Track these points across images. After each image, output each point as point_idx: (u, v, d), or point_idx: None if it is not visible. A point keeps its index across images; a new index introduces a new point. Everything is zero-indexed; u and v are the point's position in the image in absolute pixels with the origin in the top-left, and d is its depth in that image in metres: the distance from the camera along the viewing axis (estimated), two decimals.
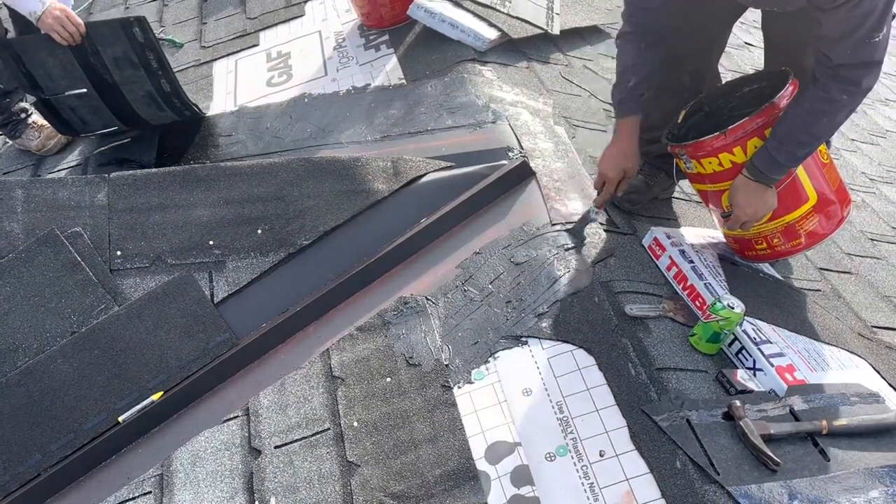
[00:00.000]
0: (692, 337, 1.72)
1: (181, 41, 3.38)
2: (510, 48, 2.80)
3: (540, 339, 1.75)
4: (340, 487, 1.61)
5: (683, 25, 1.86)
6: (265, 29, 3.29)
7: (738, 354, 1.70)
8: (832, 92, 1.60)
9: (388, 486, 1.58)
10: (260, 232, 2.21)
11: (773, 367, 1.63)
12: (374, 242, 2.12)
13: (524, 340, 1.76)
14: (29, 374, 1.94)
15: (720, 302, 1.64)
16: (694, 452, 1.44)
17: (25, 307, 2.07)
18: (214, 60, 3.19)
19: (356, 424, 1.71)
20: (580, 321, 1.76)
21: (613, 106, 1.97)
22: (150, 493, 1.73)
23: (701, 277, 1.84)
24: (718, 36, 2.04)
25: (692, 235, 2.10)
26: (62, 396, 1.92)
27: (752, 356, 1.67)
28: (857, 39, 1.51)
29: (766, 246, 1.95)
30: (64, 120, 2.72)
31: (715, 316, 1.63)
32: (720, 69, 2.22)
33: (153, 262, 2.18)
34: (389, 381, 1.77)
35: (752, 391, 1.59)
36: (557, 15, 3.04)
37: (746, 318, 1.71)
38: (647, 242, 2.00)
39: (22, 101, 2.89)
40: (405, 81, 2.70)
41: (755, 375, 1.65)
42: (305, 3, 3.36)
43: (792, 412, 1.55)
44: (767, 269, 2.13)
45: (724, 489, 1.37)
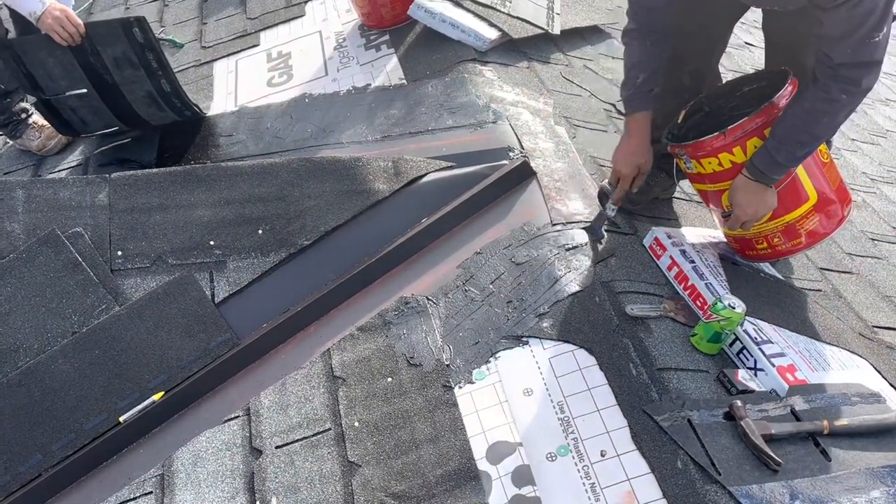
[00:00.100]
0: (693, 337, 1.72)
1: (181, 41, 3.38)
2: (511, 48, 2.80)
3: (541, 339, 1.75)
4: (341, 487, 1.61)
5: (685, 25, 1.86)
6: (266, 29, 3.29)
7: (739, 354, 1.71)
8: (832, 91, 1.60)
9: (389, 486, 1.58)
10: (261, 232, 2.21)
11: (774, 367, 1.63)
12: (374, 242, 2.12)
13: (525, 340, 1.76)
14: (30, 374, 1.94)
15: (721, 302, 1.64)
16: (695, 452, 1.44)
17: (26, 307, 2.07)
18: (215, 61, 3.19)
19: (357, 424, 1.71)
20: (581, 321, 1.76)
21: (623, 103, 1.97)
22: (151, 493, 1.73)
23: (702, 277, 1.84)
24: (720, 36, 2.05)
25: (693, 235, 2.10)
26: (63, 396, 1.92)
27: (753, 356, 1.67)
28: (857, 39, 1.51)
29: (766, 245, 1.95)
30: (64, 120, 2.72)
31: (716, 316, 1.63)
32: (720, 69, 2.23)
33: (154, 262, 2.18)
34: (390, 381, 1.77)
35: (753, 391, 1.59)
36: (558, 15, 3.04)
37: (747, 317, 1.71)
38: (647, 242, 2.00)
39: (23, 101, 2.89)
40: (406, 81, 2.70)
41: (756, 375, 1.65)
42: (306, 3, 3.36)
43: (793, 412, 1.55)
44: (768, 268, 2.13)
45: (725, 489, 1.37)
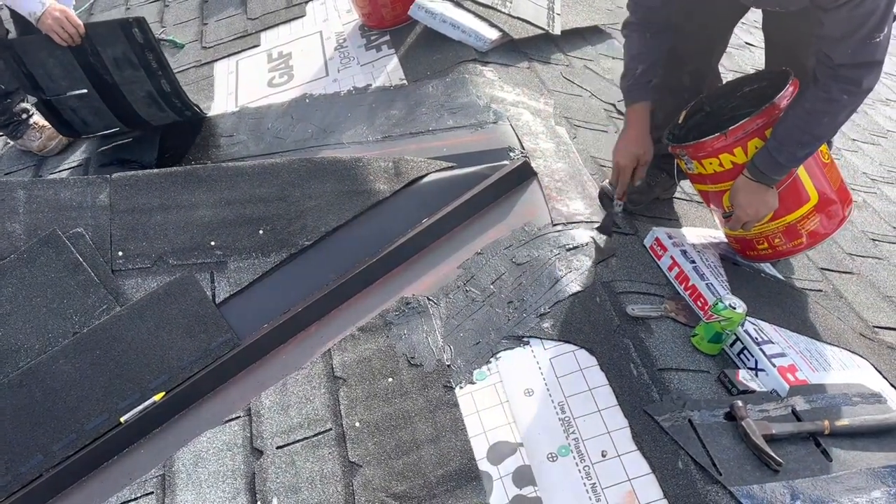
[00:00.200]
0: (694, 337, 1.72)
1: (182, 42, 3.38)
2: (511, 48, 2.80)
3: (542, 339, 1.75)
4: (342, 488, 1.61)
5: (685, 25, 1.87)
6: (266, 29, 3.29)
7: (739, 355, 1.71)
8: (833, 92, 1.60)
9: (390, 486, 1.58)
10: (261, 232, 2.21)
11: (774, 367, 1.63)
12: (375, 243, 2.12)
13: (526, 341, 1.76)
14: (31, 374, 1.94)
15: (722, 302, 1.64)
16: (696, 453, 1.44)
17: (27, 308, 2.07)
18: (215, 61, 3.19)
19: (358, 425, 1.71)
20: (582, 321, 1.76)
21: (623, 94, 1.96)
22: (152, 493, 1.73)
23: (702, 277, 1.84)
24: (720, 36, 2.04)
25: (693, 235, 2.10)
26: (64, 397, 1.92)
27: (753, 356, 1.67)
28: (858, 39, 1.51)
29: (767, 246, 1.95)
30: (65, 121, 2.72)
31: (717, 316, 1.63)
32: (721, 69, 2.23)
33: (155, 262, 2.18)
34: (391, 381, 1.77)
35: (753, 391, 1.59)
36: (558, 15, 3.04)
37: (748, 318, 1.71)
38: (648, 242, 2.00)
39: (23, 101, 2.89)
40: (406, 82, 2.70)
41: (757, 376, 1.65)
42: (306, 3, 3.36)
43: (794, 412, 1.55)
44: (769, 269, 2.13)
45: (726, 489, 1.37)
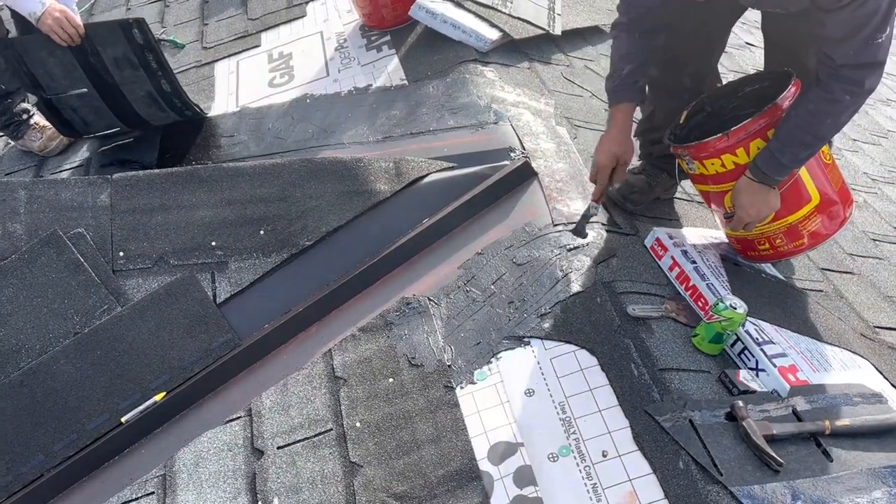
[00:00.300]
0: (695, 337, 1.72)
1: (183, 42, 3.38)
2: (512, 49, 2.80)
3: (542, 339, 1.75)
4: (343, 488, 1.61)
5: (684, 25, 1.86)
6: (267, 30, 3.29)
7: (740, 355, 1.71)
8: (835, 93, 1.60)
9: (390, 486, 1.58)
10: (262, 233, 2.21)
11: (775, 367, 1.64)
12: (376, 243, 2.12)
13: (526, 341, 1.76)
14: (32, 374, 1.94)
15: (722, 302, 1.64)
16: (697, 453, 1.44)
17: (28, 308, 2.07)
18: (216, 61, 3.19)
19: (359, 425, 1.71)
20: (582, 322, 1.76)
21: (607, 94, 1.94)
22: (153, 493, 1.73)
23: (703, 278, 1.84)
24: (720, 36, 2.04)
25: (694, 236, 2.10)
26: (65, 397, 1.92)
27: (754, 356, 1.67)
28: (860, 40, 1.51)
29: (768, 246, 1.94)
30: (66, 121, 2.73)
31: (717, 316, 1.64)
32: (721, 69, 2.22)
33: (156, 262, 2.18)
34: (392, 381, 1.77)
35: (754, 391, 1.59)
36: (559, 15, 3.04)
37: (749, 318, 1.71)
38: (649, 243, 2.00)
39: (24, 101, 2.89)
40: (407, 82, 2.70)
41: (758, 376, 1.65)
42: (307, 3, 3.36)
43: (795, 412, 1.55)
44: (770, 269, 2.13)
45: (727, 490, 1.37)
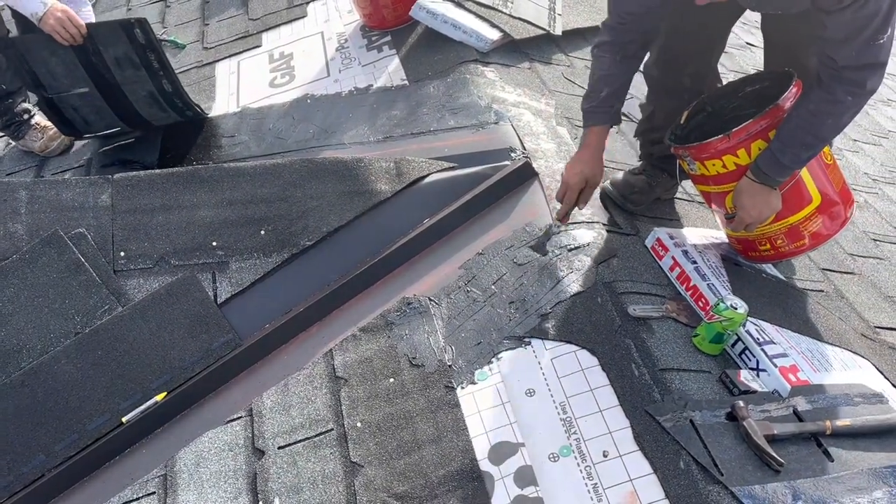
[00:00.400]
0: (695, 338, 1.72)
1: (183, 42, 3.38)
2: (512, 49, 2.81)
3: (543, 339, 1.76)
4: (344, 488, 1.61)
5: (684, 25, 1.86)
6: (267, 30, 3.29)
7: (741, 355, 1.71)
8: (837, 94, 1.59)
9: (391, 486, 1.58)
10: (263, 233, 2.21)
11: (776, 367, 1.64)
12: (376, 243, 2.12)
13: (527, 341, 1.76)
14: (33, 374, 1.95)
15: (723, 302, 1.64)
16: (697, 453, 1.44)
17: (29, 308, 2.07)
18: (217, 62, 3.19)
19: (359, 425, 1.71)
20: (583, 322, 1.76)
21: (582, 114, 1.94)
22: (153, 493, 1.73)
23: (704, 278, 1.84)
24: (719, 36, 2.04)
25: (695, 236, 2.10)
26: (66, 397, 1.92)
27: (755, 357, 1.67)
28: (862, 41, 1.51)
29: (769, 247, 1.94)
30: (67, 120, 2.73)
31: (718, 316, 1.64)
32: (721, 69, 2.22)
33: (157, 262, 2.19)
34: (392, 381, 1.77)
35: (755, 392, 1.59)
36: (559, 15, 3.04)
37: (749, 318, 1.71)
38: (649, 243, 2.01)
39: (25, 101, 2.89)
40: (407, 82, 2.70)
41: (758, 376, 1.65)
42: (308, 4, 3.36)
43: (795, 413, 1.55)
44: (770, 269, 2.13)
45: (727, 489, 1.37)
